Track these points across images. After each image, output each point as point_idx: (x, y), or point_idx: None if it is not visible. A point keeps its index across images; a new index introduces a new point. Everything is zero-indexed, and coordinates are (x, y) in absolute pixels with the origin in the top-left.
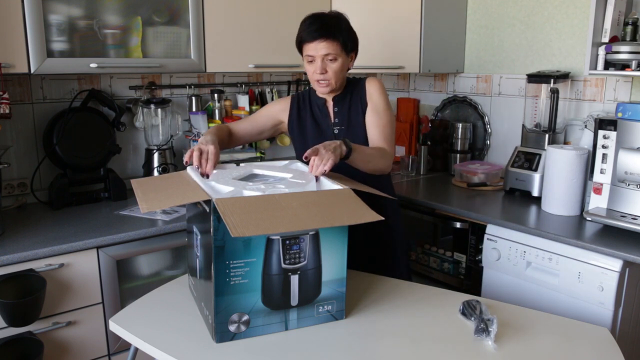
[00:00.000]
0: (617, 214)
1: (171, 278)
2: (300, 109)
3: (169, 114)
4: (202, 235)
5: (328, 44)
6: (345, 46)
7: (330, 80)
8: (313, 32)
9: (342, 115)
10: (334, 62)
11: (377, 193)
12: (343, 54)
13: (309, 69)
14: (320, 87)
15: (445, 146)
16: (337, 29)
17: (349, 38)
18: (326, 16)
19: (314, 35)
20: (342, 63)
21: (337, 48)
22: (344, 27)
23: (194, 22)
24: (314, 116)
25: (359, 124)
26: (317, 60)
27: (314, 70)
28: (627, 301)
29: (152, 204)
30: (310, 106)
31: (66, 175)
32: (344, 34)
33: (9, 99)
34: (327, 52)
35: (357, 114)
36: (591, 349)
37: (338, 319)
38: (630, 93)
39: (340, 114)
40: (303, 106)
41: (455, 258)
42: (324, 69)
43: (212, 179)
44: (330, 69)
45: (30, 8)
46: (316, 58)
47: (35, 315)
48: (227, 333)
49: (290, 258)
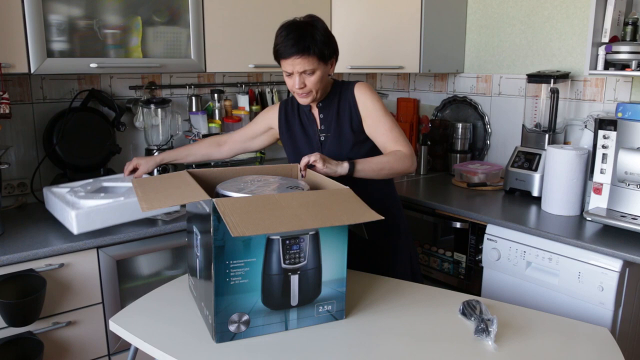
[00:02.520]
0: (617, 214)
1: (171, 278)
2: (288, 114)
3: (169, 114)
4: (202, 235)
5: (304, 60)
6: (322, 57)
7: (311, 92)
8: (289, 48)
9: (328, 123)
10: (312, 75)
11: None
12: (321, 65)
13: (288, 81)
14: (301, 98)
15: (445, 146)
16: (312, 41)
17: (325, 46)
18: (300, 27)
19: (289, 52)
20: (321, 74)
21: (314, 62)
22: (319, 37)
23: (194, 22)
24: (301, 122)
25: (347, 132)
26: (294, 76)
27: (292, 84)
28: (627, 301)
29: (152, 204)
30: (299, 112)
31: (66, 175)
32: (319, 45)
33: (9, 99)
34: (303, 69)
35: (345, 121)
36: (591, 349)
37: (338, 319)
38: (630, 93)
39: (326, 121)
40: (291, 112)
41: (455, 258)
42: (303, 83)
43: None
44: (309, 82)
45: (30, 8)
46: (294, 73)
47: (35, 315)
48: (227, 333)
49: (290, 258)
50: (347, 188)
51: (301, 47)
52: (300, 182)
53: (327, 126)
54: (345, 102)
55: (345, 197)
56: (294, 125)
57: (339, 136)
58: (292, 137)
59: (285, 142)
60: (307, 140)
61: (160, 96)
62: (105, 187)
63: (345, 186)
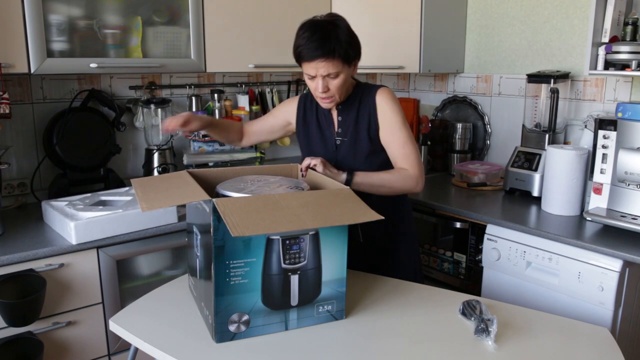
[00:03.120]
0: (617, 214)
1: (171, 278)
2: (307, 112)
3: (169, 114)
4: (202, 235)
5: (328, 63)
6: (347, 59)
7: (334, 97)
8: (312, 50)
9: (346, 127)
10: (336, 79)
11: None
12: (345, 67)
13: (310, 84)
14: (324, 102)
15: (445, 146)
16: (337, 43)
17: (350, 47)
18: (324, 28)
19: (313, 55)
20: (345, 77)
21: (339, 65)
22: (344, 37)
23: (194, 22)
24: (318, 121)
25: (364, 139)
26: (317, 79)
27: (315, 88)
28: (627, 301)
29: (152, 204)
30: (317, 111)
31: (66, 175)
32: (344, 46)
33: (9, 99)
34: (327, 72)
35: (362, 128)
36: (591, 349)
37: (338, 319)
38: (630, 93)
39: (344, 125)
40: (310, 109)
41: (455, 258)
42: (326, 87)
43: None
44: (333, 86)
45: (30, 8)
46: (317, 76)
47: (35, 315)
48: (227, 333)
49: (290, 258)
50: (347, 188)
51: (326, 49)
52: (301, 182)
53: (344, 130)
54: (366, 108)
55: (345, 197)
56: (311, 124)
57: (354, 142)
58: (308, 136)
59: (300, 138)
60: (322, 141)
61: (160, 96)
62: (104, 201)
63: (346, 186)
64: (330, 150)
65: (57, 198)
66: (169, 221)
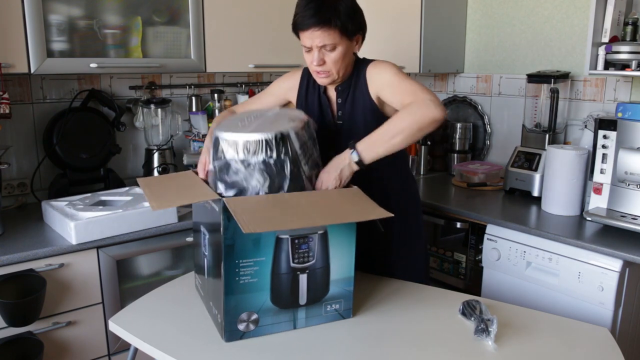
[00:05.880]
0: (617, 214)
1: (171, 278)
2: (309, 88)
3: (169, 114)
4: (210, 234)
5: (324, 33)
6: (345, 31)
7: (330, 71)
8: (307, 18)
9: (345, 110)
10: (333, 52)
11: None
12: (344, 40)
13: (306, 58)
14: (319, 77)
15: (445, 146)
16: (333, 12)
17: (350, 20)
18: None
19: (307, 23)
20: (343, 51)
21: (336, 36)
22: (343, 9)
23: (194, 22)
24: (320, 103)
25: (363, 122)
26: (314, 50)
27: (311, 61)
28: (627, 301)
29: (161, 203)
30: (319, 90)
31: (66, 175)
32: (342, 18)
33: (9, 99)
34: (323, 43)
35: (360, 111)
36: (591, 349)
37: (345, 318)
38: (630, 93)
39: (344, 108)
40: (312, 88)
41: (455, 258)
42: (322, 60)
43: None
44: (329, 59)
45: (30, 8)
46: (313, 48)
47: (35, 315)
48: (236, 332)
49: (299, 257)
50: (355, 187)
51: (321, 17)
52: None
53: (343, 113)
54: (360, 90)
55: (353, 196)
56: (313, 103)
57: (354, 127)
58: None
59: None
60: (323, 125)
61: (160, 96)
62: (104, 201)
63: (354, 186)
64: (331, 134)
65: (57, 198)
66: (168, 221)
